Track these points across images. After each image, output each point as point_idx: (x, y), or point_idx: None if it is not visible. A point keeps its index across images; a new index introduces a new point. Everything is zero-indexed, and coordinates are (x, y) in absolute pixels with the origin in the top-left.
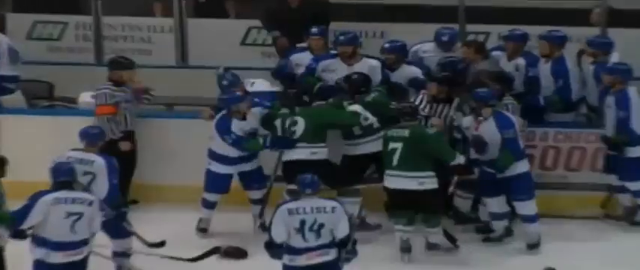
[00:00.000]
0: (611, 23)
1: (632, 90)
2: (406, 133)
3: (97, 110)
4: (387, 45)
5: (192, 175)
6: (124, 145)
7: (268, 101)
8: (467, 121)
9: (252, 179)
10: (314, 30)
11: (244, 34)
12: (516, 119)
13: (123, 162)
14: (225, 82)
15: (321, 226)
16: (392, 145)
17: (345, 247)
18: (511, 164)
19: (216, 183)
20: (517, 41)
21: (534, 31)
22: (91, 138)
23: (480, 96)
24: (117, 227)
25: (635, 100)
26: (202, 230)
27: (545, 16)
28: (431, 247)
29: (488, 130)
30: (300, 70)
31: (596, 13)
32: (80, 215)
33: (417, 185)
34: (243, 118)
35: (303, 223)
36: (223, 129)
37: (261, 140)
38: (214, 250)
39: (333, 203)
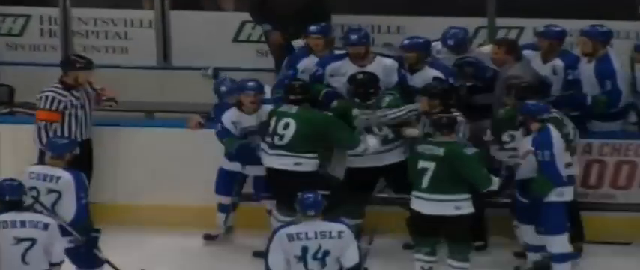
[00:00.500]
0: None
1: None
2: (441, 151)
3: (36, 115)
4: (406, 42)
5: (172, 195)
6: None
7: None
8: (525, 143)
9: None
10: (313, 28)
11: (237, 30)
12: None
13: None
14: (223, 88)
15: (327, 253)
16: (422, 164)
17: None
18: (549, 191)
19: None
20: (553, 39)
21: (574, 26)
22: (58, 150)
23: (529, 109)
24: (86, 255)
25: None
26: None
27: (587, 8)
28: None
29: (525, 146)
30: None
31: None
32: (33, 241)
33: (453, 210)
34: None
35: (305, 249)
36: (218, 115)
37: (236, 144)
38: None
39: (341, 227)
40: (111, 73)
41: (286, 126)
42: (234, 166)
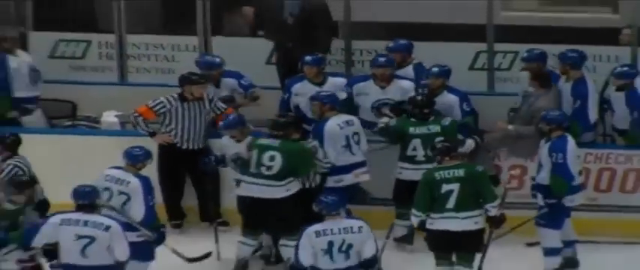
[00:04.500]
0: None
1: None
2: (462, 172)
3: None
4: (435, 69)
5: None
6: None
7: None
8: (544, 148)
9: None
10: (308, 58)
11: (269, 54)
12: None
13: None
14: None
15: (350, 246)
16: (447, 187)
17: (372, 267)
18: (564, 190)
19: None
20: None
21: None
22: (131, 158)
23: (554, 118)
24: (145, 248)
25: None
26: None
27: (574, 35)
28: None
29: (544, 152)
30: (299, 101)
31: (626, 34)
32: (92, 239)
33: (473, 225)
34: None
35: (331, 244)
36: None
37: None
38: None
39: (360, 223)
40: (159, 91)
41: (272, 158)
42: None
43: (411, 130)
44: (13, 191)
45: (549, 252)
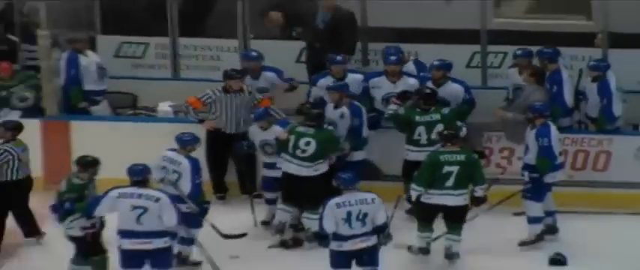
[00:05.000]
0: (612, 45)
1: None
2: (462, 157)
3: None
4: (436, 62)
5: None
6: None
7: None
8: (530, 134)
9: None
10: (339, 58)
11: (299, 53)
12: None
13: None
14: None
15: (365, 215)
16: (448, 169)
17: (383, 232)
18: (547, 168)
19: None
20: (526, 57)
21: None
22: (181, 142)
23: (537, 109)
24: (193, 217)
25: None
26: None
27: (555, 38)
28: (451, 256)
29: (531, 137)
30: (323, 93)
31: (599, 38)
32: (145, 209)
33: (463, 201)
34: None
35: (349, 213)
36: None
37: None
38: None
39: (373, 195)
40: (206, 85)
41: (308, 143)
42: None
43: (417, 118)
44: (79, 169)
45: (533, 220)
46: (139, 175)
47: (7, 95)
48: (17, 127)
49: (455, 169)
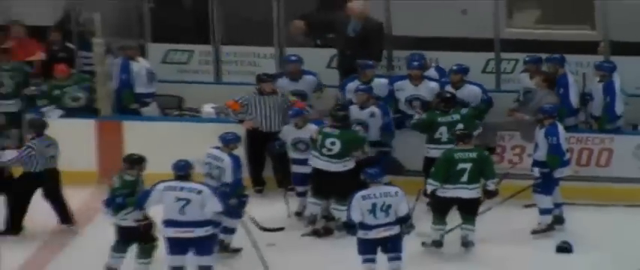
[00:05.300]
0: (613, 53)
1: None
2: (474, 155)
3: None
4: (455, 67)
5: None
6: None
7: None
8: (540, 133)
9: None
10: (370, 63)
11: (329, 59)
12: None
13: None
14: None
15: (389, 206)
16: (462, 166)
17: (406, 222)
18: (557, 164)
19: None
20: (536, 64)
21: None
22: (224, 141)
23: (546, 110)
24: (234, 209)
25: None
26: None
27: (562, 46)
28: (467, 244)
29: (541, 136)
30: (351, 96)
31: (602, 46)
32: (188, 201)
33: (476, 194)
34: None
35: (374, 205)
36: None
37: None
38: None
39: (396, 188)
40: (245, 88)
41: (333, 143)
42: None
43: (439, 119)
44: (126, 166)
45: (543, 212)
46: (182, 170)
47: (60, 94)
48: (41, 125)
49: (468, 165)
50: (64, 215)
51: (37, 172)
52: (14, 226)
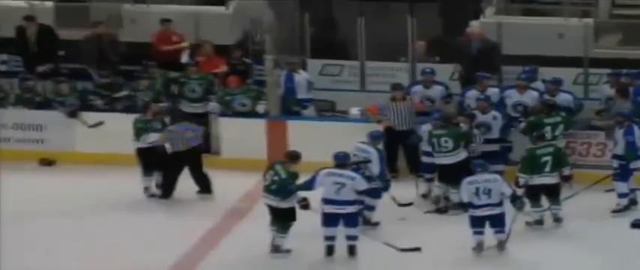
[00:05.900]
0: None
1: None
2: (552, 149)
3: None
4: (552, 79)
5: None
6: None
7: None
8: (619, 133)
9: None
10: (487, 75)
11: (451, 73)
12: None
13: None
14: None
15: (490, 190)
16: (544, 159)
17: (514, 201)
18: (632, 158)
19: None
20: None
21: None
22: (372, 137)
23: (624, 114)
24: (376, 191)
25: None
26: None
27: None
28: (558, 220)
29: (620, 135)
30: (470, 102)
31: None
32: (343, 184)
33: (557, 179)
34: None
35: (477, 189)
36: None
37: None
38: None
39: (495, 175)
40: (383, 96)
41: (446, 141)
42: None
43: (545, 120)
44: (289, 160)
45: (621, 195)
46: (341, 160)
47: (230, 100)
48: (179, 115)
49: (549, 158)
50: (204, 186)
51: (181, 151)
52: (165, 192)
